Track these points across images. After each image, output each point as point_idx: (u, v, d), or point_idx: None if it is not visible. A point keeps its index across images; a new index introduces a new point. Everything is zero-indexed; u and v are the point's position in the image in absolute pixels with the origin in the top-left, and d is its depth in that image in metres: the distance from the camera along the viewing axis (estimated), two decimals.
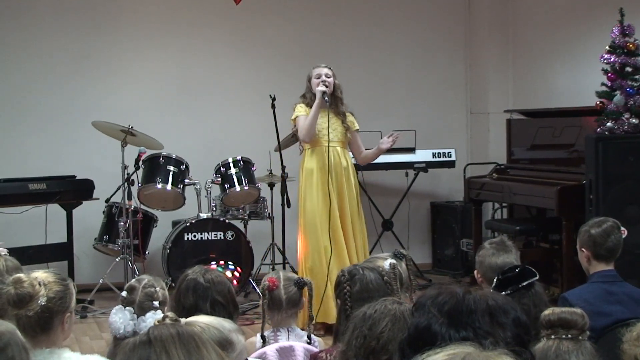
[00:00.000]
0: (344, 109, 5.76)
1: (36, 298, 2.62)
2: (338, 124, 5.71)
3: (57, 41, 7.31)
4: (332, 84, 5.67)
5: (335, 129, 5.69)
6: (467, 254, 7.58)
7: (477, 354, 1.39)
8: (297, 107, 5.72)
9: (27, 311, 2.61)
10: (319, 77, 5.65)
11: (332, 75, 5.70)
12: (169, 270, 6.53)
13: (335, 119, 5.70)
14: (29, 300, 2.62)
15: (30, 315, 2.60)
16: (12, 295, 2.63)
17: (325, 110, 5.63)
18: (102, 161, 7.15)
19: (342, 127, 5.72)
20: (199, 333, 1.82)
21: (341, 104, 5.75)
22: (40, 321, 2.63)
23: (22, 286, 2.64)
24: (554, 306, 2.56)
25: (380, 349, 2.30)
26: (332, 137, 5.65)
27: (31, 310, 2.61)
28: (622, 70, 5.76)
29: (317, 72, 5.69)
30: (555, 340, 2.37)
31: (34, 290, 2.63)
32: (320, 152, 5.66)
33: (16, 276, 2.68)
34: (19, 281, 2.66)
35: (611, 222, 3.67)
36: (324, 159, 5.64)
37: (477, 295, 1.78)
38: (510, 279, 3.00)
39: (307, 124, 5.57)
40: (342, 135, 5.73)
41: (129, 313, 2.88)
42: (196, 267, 3.17)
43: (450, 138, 8.19)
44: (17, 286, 2.64)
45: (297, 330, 3.45)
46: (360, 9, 8.06)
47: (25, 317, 2.58)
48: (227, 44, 7.75)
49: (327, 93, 5.58)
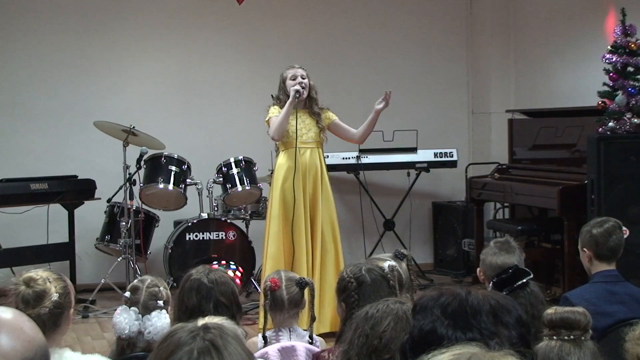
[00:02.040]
0: (317, 109, 5.71)
1: (49, 295, 2.64)
2: (313, 124, 5.67)
3: (59, 42, 7.31)
4: (307, 85, 5.64)
5: (310, 129, 5.66)
6: (468, 254, 7.58)
7: (483, 354, 1.39)
8: (270, 109, 5.66)
9: (41, 309, 2.62)
10: (294, 78, 5.61)
11: (307, 76, 5.67)
12: (171, 270, 6.53)
13: (310, 120, 5.67)
14: (44, 297, 2.63)
15: (44, 313, 2.61)
16: (28, 294, 2.64)
17: (295, 110, 5.57)
18: (103, 161, 7.15)
19: (317, 128, 5.67)
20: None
21: (316, 104, 5.70)
22: (52, 318, 2.64)
23: (37, 283, 2.66)
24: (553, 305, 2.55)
25: (382, 348, 2.30)
26: (307, 138, 5.63)
27: (46, 307, 2.62)
28: (624, 70, 5.76)
29: (292, 73, 5.64)
30: (558, 341, 2.36)
31: (47, 286, 2.65)
32: (293, 153, 5.62)
33: (25, 276, 2.69)
34: (31, 279, 2.67)
35: (613, 222, 3.67)
36: (294, 159, 5.61)
37: (479, 295, 1.77)
38: (504, 280, 3.00)
39: (278, 122, 5.51)
40: (316, 136, 5.68)
41: (133, 313, 2.88)
42: (200, 267, 3.17)
43: (452, 138, 8.19)
44: (31, 284, 2.65)
45: (299, 330, 3.45)
46: (361, 9, 8.06)
47: (39, 316, 2.59)
48: (228, 44, 7.75)
49: (300, 93, 5.55)
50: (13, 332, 1.49)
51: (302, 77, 5.61)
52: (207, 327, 1.59)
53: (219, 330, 1.59)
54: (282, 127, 5.54)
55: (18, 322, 1.53)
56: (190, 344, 1.54)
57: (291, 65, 5.73)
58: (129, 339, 2.88)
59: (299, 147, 5.59)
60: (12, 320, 1.52)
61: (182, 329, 1.60)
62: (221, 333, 1.58)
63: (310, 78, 5.68)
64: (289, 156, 5.62)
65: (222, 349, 1.54)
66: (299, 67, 5.69)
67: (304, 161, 5.60)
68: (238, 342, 1.58)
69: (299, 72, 5.63)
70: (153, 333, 2.84)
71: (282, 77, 5.69)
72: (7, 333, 1.48)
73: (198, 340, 1.55)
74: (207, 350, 1.53)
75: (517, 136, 7.29)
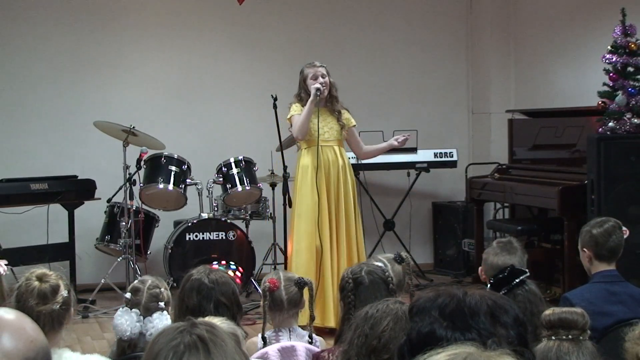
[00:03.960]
0: (339, 107, 5.74)
1: (61, 290, 2.64)
2: (334, 122, 5.71)
3: (59, 42, 7.31)
4: (328, 83, 5.67)
5: (332, 127, 5.70)
6: (468, 254, 7.57)
7: (479, 354, 1.39)
8: (292, 107, 5.72)
9: (53, 304, 2.63)
10: (315, 77, 5.64)
11: (327, 74, 5.70)
12: (171, 270, 6.53)
13: (331, 118, 5.71)
14: (57, 292, 2.64)
15: (54, 309, 2.62)
16: (45, 288, 2.64)
17: (317, 109, 5.61)
18: (103, 161, 7.15)
19: (338, 125, 5.71)
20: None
21: (336, 102, 5.74)
22: (60, 315, 2.65)
23: (51, 278, 2.67)
24: (551, 304, 2.56)
25: (381, 348, 2.30)
26: (328, 136, 5.66)
27: (57, 303, 2.63)
28: (624, 70, 5.76)
29: (312, 72, 5.67)
30: (556, 341, 2.37)
31: (59, 282, 2.66)
32: (315, 151, 5.65)
33: (38, 272, 2.70)
34: (44, 275, 2.68)
35: (613, 222, 3.67)
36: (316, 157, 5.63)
37: (477, 295, 1.76)
38: (501, 280, 3.01)
39: (300, 121, 5.57)
40: (338, 134, 5.72)
41: (135, 315, 2.87)
42: (200, 267, 3.17)
43: (452, 138, 8.19)
44: (45, 279, 2.66)
45: (299, 330, 3.45)
46: (361, 9, 8.06)
47: (49, 312, 2.59)
48: (228, 45, 7.75)
49: (321, 91, 5.57)
50: (15, 332, 1.51)
51: (322, 76, 5.64)
52: (195, 324, 1.60)
53: (208, 325, 1.59)
54: (305, 127, 5.57)
55: (20, 322, 1.54)
56: (177, 339, 1.55)
57: (311, 63, 5.75)
58: (130, 341, 2.88)
59: (321, 145, 5.62)
60: (14, 320, 1.54)
61: (170, 327, 1.61)
62: (209, 328, 1.58)
63: (331, 75, 5.71)
64: (312, 155, 5.64)
65: (209, 343, 1.54)
66: (320, 66, 5.72)
67: (326, 159, 5.65)
68: (228, 339, 1.58)
69: (320, 71, 5.66)
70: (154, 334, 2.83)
71: (303, 75, 5.72)
72: (10, 333, 1.50)
73: (185, 335, 1.56)
74: (194, 344, 1.54)
75: (517, 136, 7.29)
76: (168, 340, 1.56)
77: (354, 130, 5.86)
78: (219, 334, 1.58)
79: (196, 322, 1.61)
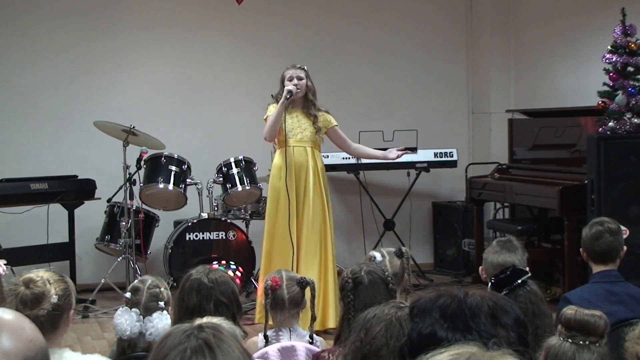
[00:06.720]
0: (314, 111, 5.70)
1: (49, 296, 2.64)
2: (309, 124, 5.68)
3: (59, 42, 7.31)
4: (303, 86, 5.64)
5: (306, 129, 5.67)
6: (468, 254, 7.57)
7: (482, 354, 1.39)
8: (269, 107, 5.72)
9: (40, 310, 2.62)
10: (291, 79, 5.63)
11: (304, 77, 5.66)
12: (171, 270, 6.53)
13: (306, 120, 5.68)
14: (43, 298, 2.63)
15: (42, 315, 2.62)
16: (27, 295, 2.64)
17: (288, 110, 5.59)
18: (103, 161, 7.15)
19: (313, 128, 5.69)
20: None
21: (312, 105, 5.70)
22: (51, 320, 2.64)
23: (36, 285, 2.66)
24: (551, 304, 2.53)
25: (372, 355, 2.27)
26: (301, 137, 5.65)
27: (44, 309, 2.62)
28: (624, 70, 5.76)
29: (289, 73, 5.66)
30: (573, 345, 2.30)
31: (46, 288, 2.65)
32: (285, 152, 5.65)
33: (25, 276, 2.69)
34: (31, 281, 2.67)
35: (605, 225, 3.64)
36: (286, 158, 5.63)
37: (478, 296, 1.76)
38: (502, 280, 3.00)
39: (269, 122, 5.59)
40: (312, 135, 5.69)
41: (135, 314, 2.87)
42: (200, 267, 3.17)
43: (452, 138, 8.19)
44: (30, 285, 2.65)
45: (299, 330, 3.45)
46: (361, 9, 8.05)
47: (38, 317, 2.59)
48: (228, 45, 7.76)
49: (292, 93, 5.55)
50: (14, 332, 1.51)
51: (298, 79, 5.62)
52: (202, 327, 1.59)
53: (214, 329, 1.59)
54: (274, 128, 5.58)
55: (19, 322, 1.55)
56: (184, 343, 1.55)
57: (292, 65, 5.75)
58: (130, 340, 2.88)
59: (293, 145, 5.63)
60: (13, 320, 1.54)
61: (177, 329, 1.61)
62: (216, 332, 1.58)
63: (310, 79, 5.69)
64: (282, 155, 5.65)
65: (215, 348, 1.54)
66: (298, 67, 5.70)
67: (296, 160, 5.63)
68: (234, 342, 1.58)
69: (296, 73, 5.64)
70: (154, 334, 2.83)
71: (282, 76, 5.71)
72: (9, 333, 1.50)
73: (192, 339, 1.56)
74: (200, 349, 1.54)
75: (517, 136, 7.29)
76: (175, 344, 1.56)
77: (336, 129, 5.83)
78: (225, 338, 1.58)
79: (203, 325, 1.61)
